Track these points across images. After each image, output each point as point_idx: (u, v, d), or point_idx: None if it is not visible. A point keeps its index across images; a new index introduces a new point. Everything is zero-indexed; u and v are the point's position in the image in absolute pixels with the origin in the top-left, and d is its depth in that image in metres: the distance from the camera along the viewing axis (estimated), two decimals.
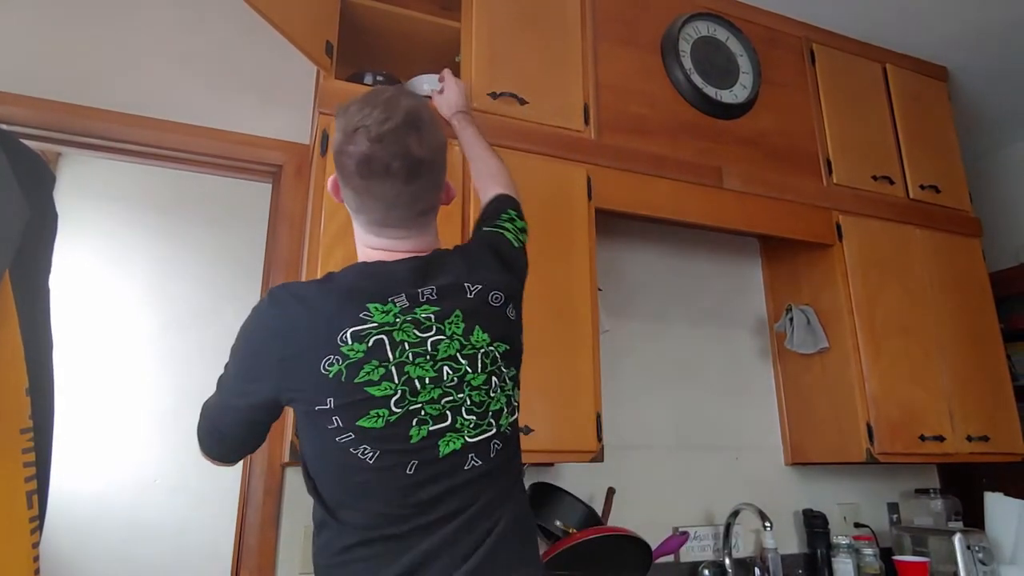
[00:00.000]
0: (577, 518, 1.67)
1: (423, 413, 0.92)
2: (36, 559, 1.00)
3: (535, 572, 0.97)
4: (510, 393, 1.04)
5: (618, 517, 1.80)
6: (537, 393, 1.53)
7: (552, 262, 1.64)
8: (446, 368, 0.95)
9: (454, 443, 0.94)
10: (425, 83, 1.65)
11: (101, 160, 2.37)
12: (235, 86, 1.82)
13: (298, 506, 1.62)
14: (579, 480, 1.86)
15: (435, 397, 0.93)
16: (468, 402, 0.96)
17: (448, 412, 0.94)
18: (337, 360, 0.90)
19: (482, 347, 0.99)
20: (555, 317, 1.61)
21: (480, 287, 1.02)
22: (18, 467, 0.99)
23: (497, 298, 1.04)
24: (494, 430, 0.99)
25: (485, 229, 1.18)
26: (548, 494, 1.71)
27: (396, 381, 0.92)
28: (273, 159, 1.80)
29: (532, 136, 1.73)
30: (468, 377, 0.97)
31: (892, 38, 2.38)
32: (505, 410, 1.01)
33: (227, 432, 1.03)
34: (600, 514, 1.76)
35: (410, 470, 0.91)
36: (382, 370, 0.91)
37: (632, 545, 1.61)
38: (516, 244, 1.17)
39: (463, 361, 0.97)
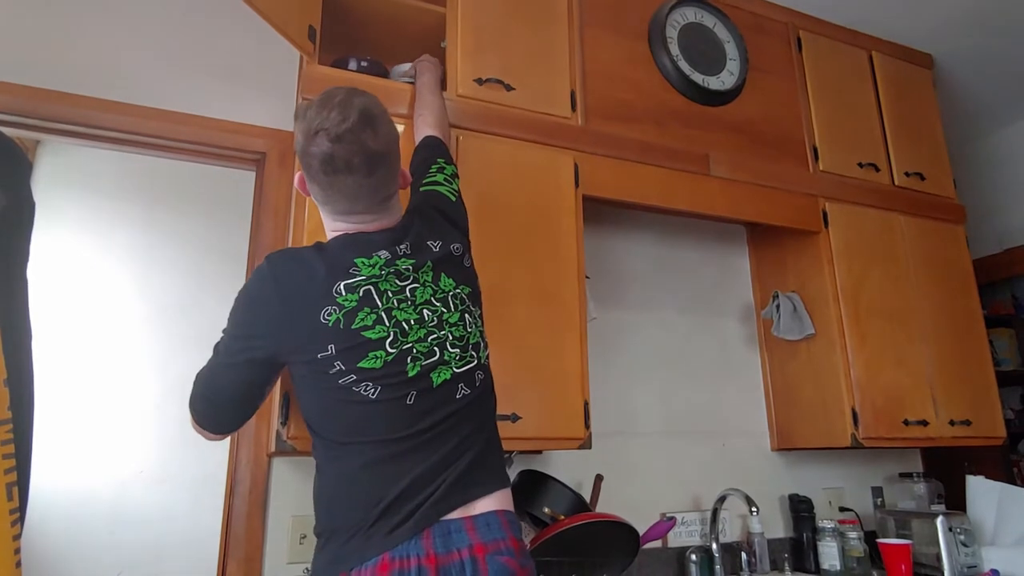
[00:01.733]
0: (565, 505, 1.68)
1: (415, 351, 1.06)
2: (17, 551, 0.99)
3: (507, 483, 1.11)
4: (482, 329, 1.19)
5: (606, 503, 1.81)
6: (525, 381, 1.53)
7: (539, 249, 1.64)
8: (425, 311, 1.09)
9: (444, 374, 1.07)
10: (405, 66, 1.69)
11: (81, 148, 2.34)
12: (217, 72, 1.79)
13: (285, 495, 1.62)
14: (567, 467, 1.87)
15: (422, 336, 1.07)
16: (451, 337, 1.10)
17: (436, 348, 1.08)
18: (335, 310, 1.02)
19: (450, 290, 1.14)
20: (542, 305, 1.60)
21: (441, 242, 1.17)
22: None
23: (457, 249, 1.20)
24: (476, 362, 1.13)
25: (424, 189, 1.30)
26: (536, 481, 1.72)
27: (387, 324, 1.04)
28: (256, 146, 1.77)
29: (518, 122, 1.71)
30: (445, 316, 1.11)
31: (877, 25, 2.38)
32: (481, 343, 1.17)
33: (223, 395, 1.10)
34: (588, 501, 1.76)
35: (410, 400, 1.04)
36: (374, 316, 1.04)
37: (620, 531, 1.62)
38: (453, 198, 1.31)
39: (437, 303, 1.11)
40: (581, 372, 1.60)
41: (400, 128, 1.39)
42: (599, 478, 1.81)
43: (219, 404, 1.11)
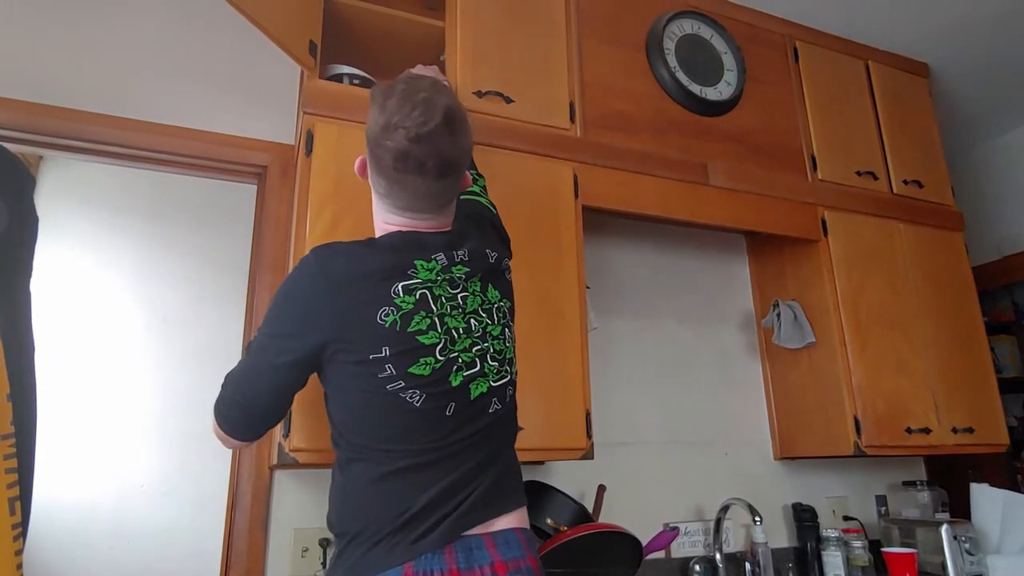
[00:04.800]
0: (568, 516, 1.67)
1: (460, 361, 1.05)
2: (20, 567, 0.99)
3: (524, 502, 1.12)
4: (514, 345, 1.18)
5: (608, 514, 1.80)
6: (527, 391, 1.53)
7: (540, 260, 1.64)
8: (472, 320, 1.08)
9: (482, 387, 1.07)
10: None
11: (84, 163, 2.34)
12: (219, 86, 1.80)
13: (287, 508, 1.61)
14: (569, 478, 1.87)
15: (467, 346, 1.06)
16: (492, 350, 1.09)
17: (477, 359, 1.07)
18: (392, 311, 1.01)
19: (495, 303, 1.14)
20: (543, 315, 1.61)
21: (496, 254, 1.17)
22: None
23: (505, 264, 1.21)
24: (509, 377, 1.13)
25: (465, 198, 1.29)
26: (539, 492, 1.71)
27: (439, 331, 1.03)
28: (258, 160, 1.78)
29: (518, 134, 1.72)
30: (489, 328, 1.10)
31: (874, 35, 2.40)
32: (514, 360, 1.16)
33: (254, 399, 1.07)
34: (591, 511, 1.76)
35: (449, 411, 1.03)
36: (428, 320, 1.03)
37: (623, 541, 1.62)
38: (493, 209, 1.34)
39: (483, 315, 1.10)
40: (582, 382, 1.61)
41: None
42: (601, 488, 1.81)
43: (251, 411, 1.07)
